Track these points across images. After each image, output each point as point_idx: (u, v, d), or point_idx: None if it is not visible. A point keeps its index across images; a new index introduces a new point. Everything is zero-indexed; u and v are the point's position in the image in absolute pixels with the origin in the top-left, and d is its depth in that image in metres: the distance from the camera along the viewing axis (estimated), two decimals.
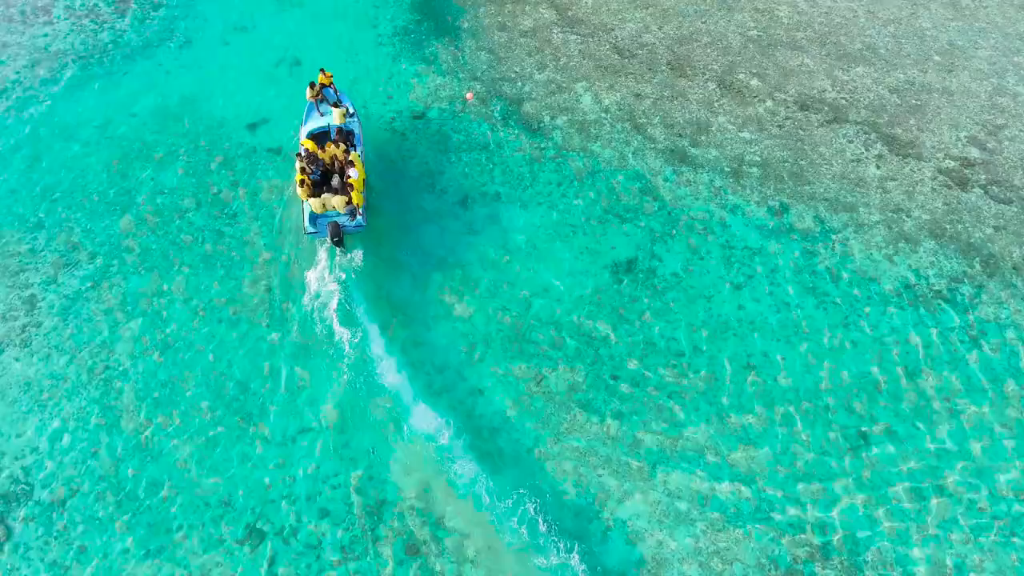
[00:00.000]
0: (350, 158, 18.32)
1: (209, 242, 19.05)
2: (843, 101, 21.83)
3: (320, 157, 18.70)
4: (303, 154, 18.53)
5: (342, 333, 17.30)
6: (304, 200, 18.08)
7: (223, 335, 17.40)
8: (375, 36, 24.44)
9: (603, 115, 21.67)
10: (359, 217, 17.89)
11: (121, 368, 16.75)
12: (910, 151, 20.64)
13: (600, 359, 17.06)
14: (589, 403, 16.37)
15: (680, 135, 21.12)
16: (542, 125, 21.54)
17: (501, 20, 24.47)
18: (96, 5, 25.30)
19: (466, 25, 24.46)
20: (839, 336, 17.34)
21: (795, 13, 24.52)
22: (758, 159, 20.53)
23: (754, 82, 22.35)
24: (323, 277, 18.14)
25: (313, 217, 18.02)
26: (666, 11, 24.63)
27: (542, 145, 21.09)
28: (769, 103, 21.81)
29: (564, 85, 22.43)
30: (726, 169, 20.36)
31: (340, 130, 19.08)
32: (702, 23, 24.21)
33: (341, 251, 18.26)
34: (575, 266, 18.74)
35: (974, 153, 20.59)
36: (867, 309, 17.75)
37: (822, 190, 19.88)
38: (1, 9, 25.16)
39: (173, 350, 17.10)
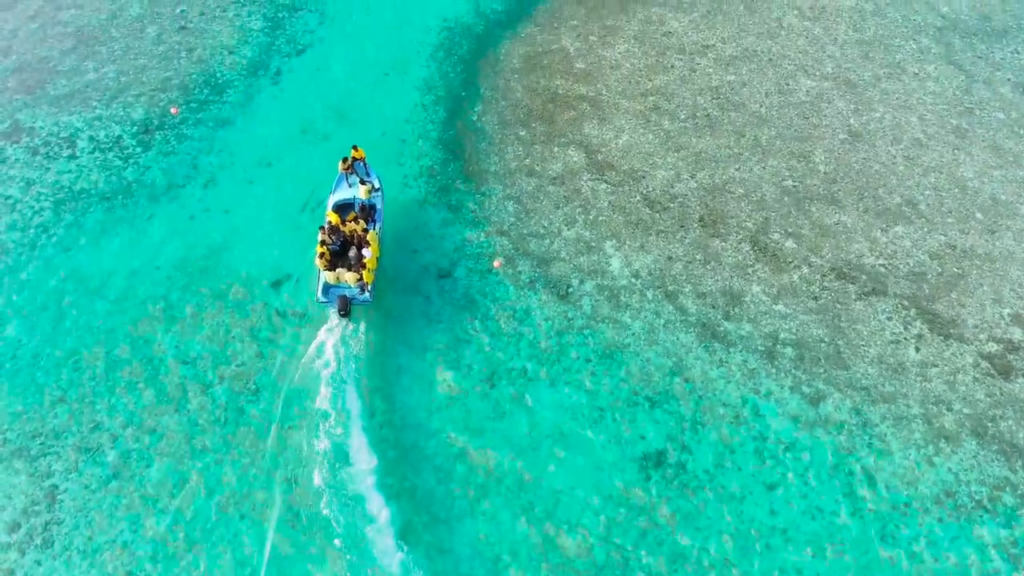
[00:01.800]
0: (367, 237, 20.42)
1: (231, 423, 19.21)
2: (882, 269, 21.61)
3: (342, 230, 20.78)
4: (326, 227, 20.52)
5: (366, 536, 17.36)
6: (321, 270, 19.99)
7: (246, 533, 17.53)
8: (401, 176, 24.54)
9: (633, 280, 21.61)
10: (367, 293, 19.96)
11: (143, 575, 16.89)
12: (951, 331, 20.39)
13: (629, 573, 16.96)
14: None
15: (713, 306, 21.01)
16: (571, 290, 21.52)
17: (530, 163, 24.47)
18: (120, 137, 25.60)
19: (493, 168, 24.49)
20: (875, 552, 17.15)
21: (832, 159, 24.33)
22: (793, 337, 20.37)
23: (789, 243, 22.19)
24: (346, 471, 18.23)
25: (326, 288, 20.15)
26: (698, 155, 24.52)
27: (570, 314, 21.07)
28: (805, 270, 21.64)
29: (593, 244, 22.39)
30: (760, 348, 20.22)
31: (363, 206, 21.52)
32: (735, 170, 24.08)
33: (346, 322, 20.28)
34: (603, 458, 18.70)
35: (1017, 334, 20.32)
36: (904, 520, 17.55)
37: (860, 376, 19.68)
38: (26, 140, 25.51)
39: (196, 552, 17.24)
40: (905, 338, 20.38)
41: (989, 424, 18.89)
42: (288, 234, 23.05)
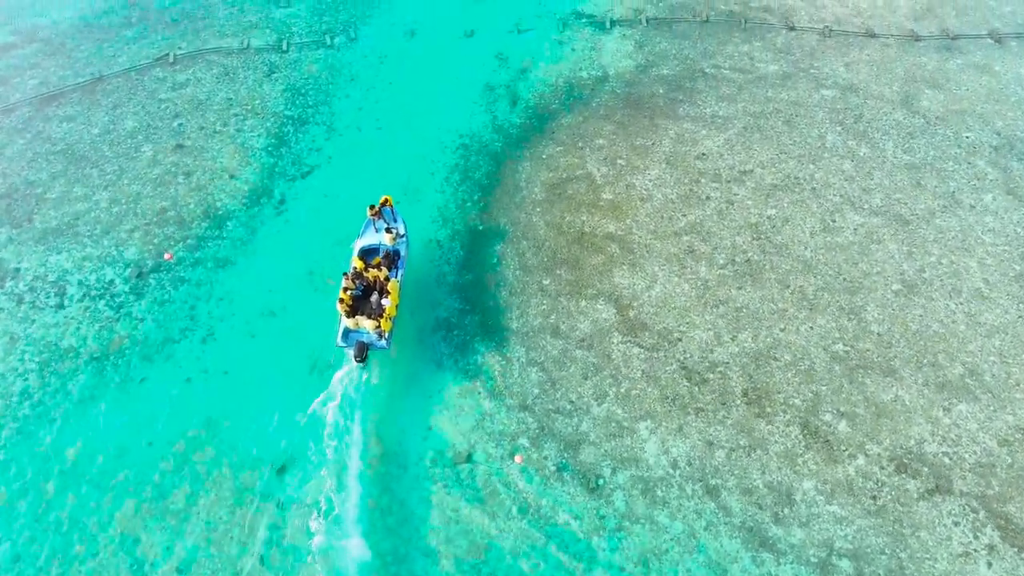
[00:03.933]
0: (388, 286, 21.50)
1: None
2: (946, 459, 20.02)
3: (365, 276, 21.87)
4: (351, 273, 21.68)
5: None
6: (341, 314, 21.10)
7: None
8: (415, 331, 23.14)
9: (671, 471, 20.08)
10: (384, 341, 21.08)
11: None
12: None
13: None
14: None
15: (760, 506, 19.46)
16: (602, 482, 20.02)
17: (555, 321, 22.98)
18: (112, 281, 24.26)
19: (514, 325, 23.02)
20: None
21: (885, 317, 22.75)
22: (850, 547, 18.80)
23: (843, 426, 20.63)
24: None
25: (346, 332, 21.44)
26: (739, 312, 22.98)
27: (602, 512, 19.57)
28: (861, 460, 20.06)
29: (626, 425, 20.87)
30: (813, 560, 18.66)
31: (387, 253, 22.48)
32: (780, 331, 22.52)
33: (361, 367, 21.24)
34: None
35: None
36: None
37: None
38: (10, 284, 24.20)
39: None
40: (975, 549, 18.77)
41: None
42: (294, 402, 21.64)
